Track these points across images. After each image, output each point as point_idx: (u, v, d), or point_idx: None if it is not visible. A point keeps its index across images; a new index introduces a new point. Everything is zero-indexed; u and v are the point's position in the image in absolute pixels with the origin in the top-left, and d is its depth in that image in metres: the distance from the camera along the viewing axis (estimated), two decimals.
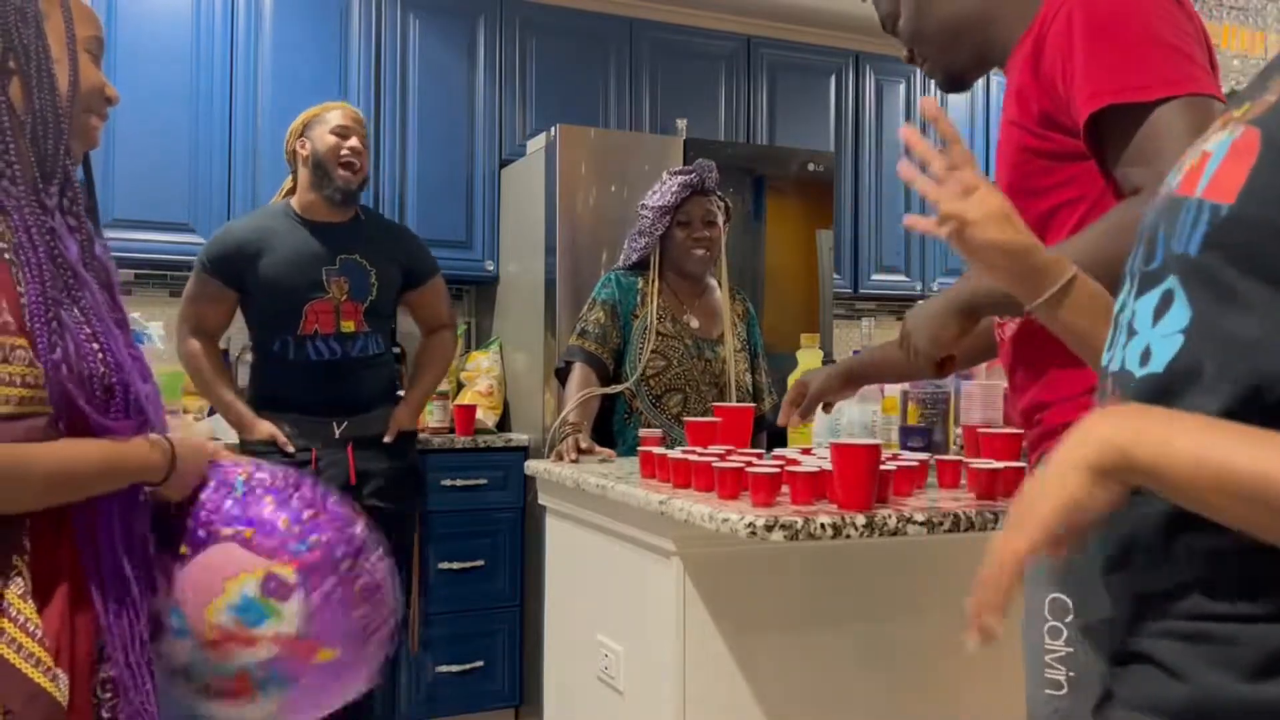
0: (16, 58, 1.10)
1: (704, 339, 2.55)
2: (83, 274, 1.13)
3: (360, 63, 3.41)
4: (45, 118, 1.11)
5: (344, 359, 2.71)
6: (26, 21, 1.10)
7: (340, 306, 2.69)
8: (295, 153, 2.74)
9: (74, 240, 1.15)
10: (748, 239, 3.44)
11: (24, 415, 1.01)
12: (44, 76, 1.11)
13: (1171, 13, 1.17)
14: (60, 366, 1.05)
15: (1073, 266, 0.99)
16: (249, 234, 2.69)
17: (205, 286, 2.71)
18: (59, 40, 1.15)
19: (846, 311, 4.50)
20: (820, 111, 4.12)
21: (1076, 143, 1.20)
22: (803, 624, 1.71)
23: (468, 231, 3.56)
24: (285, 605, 1.17)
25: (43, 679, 1.00)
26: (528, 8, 3.64)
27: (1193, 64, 1.14)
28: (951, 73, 1.43)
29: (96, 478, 1.08)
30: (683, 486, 1.72)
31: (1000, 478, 1.64)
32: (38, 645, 1.01)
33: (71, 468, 1.05)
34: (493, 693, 3.28)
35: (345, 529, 1.26)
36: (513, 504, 3.29)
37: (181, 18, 3.19)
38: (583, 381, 2.42)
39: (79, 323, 1.09)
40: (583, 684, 2.00)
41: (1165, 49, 1.14)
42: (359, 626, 1.23)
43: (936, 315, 1.31)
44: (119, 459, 1.10)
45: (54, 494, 1.05)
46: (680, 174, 2.50)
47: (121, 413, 1.12)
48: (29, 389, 1.01)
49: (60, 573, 1.07)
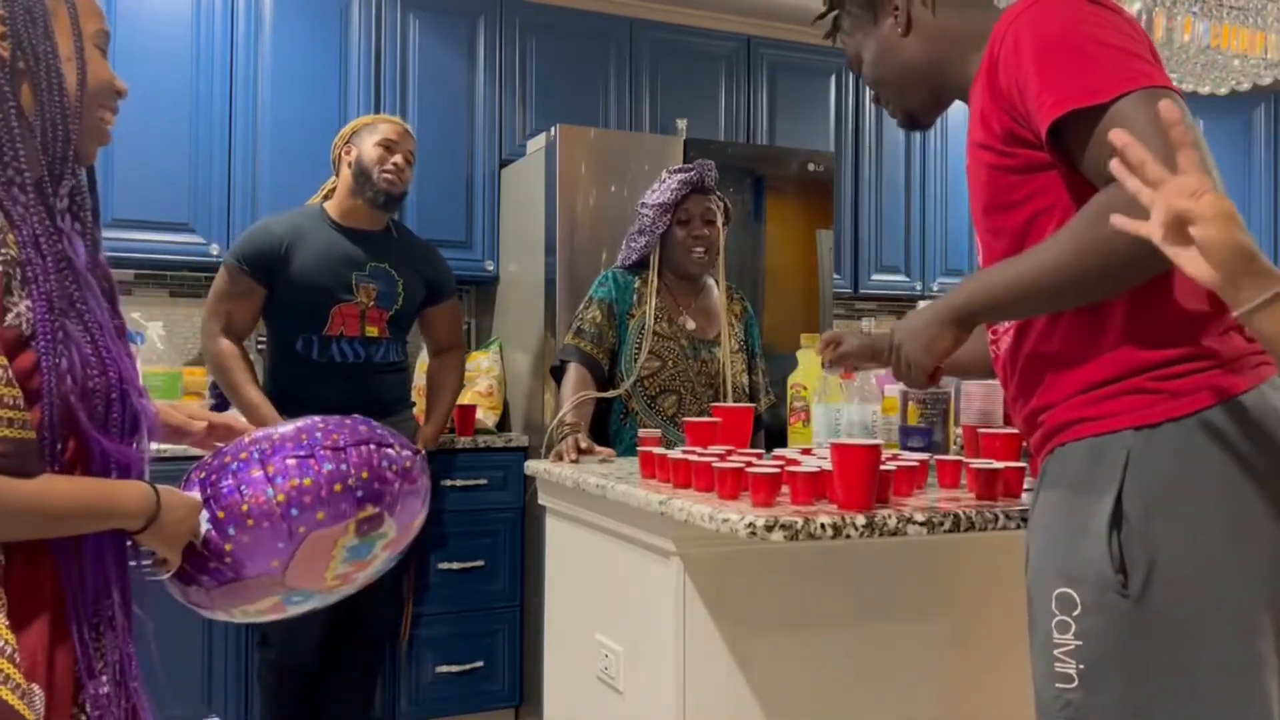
0: (26, 59, 1.09)
1: (700, 340, 2.54)
2: (88, 279, 1.13)
3: (360, 63, 3.41)
4: (54, 120, 1.11)
5: (367, 362, 2.75)
6: (34, 21, 1.09)
7: (366, 312, 2.74)
8: (340, 157, 2.78)
9: (82, 243, 1.15)
10: (748, 239, 3.44)
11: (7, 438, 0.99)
12: (53, 77, 1.10)
13: (1112, 20, 1.21)
14: (65, 378, 1.04)
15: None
16: (283, 231, 2.72)
17: (236, 283, 2.72)
18: (66, 37, 1.13)
19: (846, 311, 4.49)
20: (820, 111, 4.12)
21: (1041, 154, 1.24)
22: (803, 624, 1.71)
23: (468, 231, 3.56)
24: (383, 528, 1.32)
25: (10, 696, 0.97)
26: (528, 8, 3.64)
27: (1140, 60, 1.17)
28: (910, 113, 1.53)
29: (75, 518, 1.07)
30: (683, 486, 1.72)
31: (1000, 478, 1.64)
32: (6, 661, 0.98)
33: (50, 507, 1.03)
34: (493, 693, 3.28)
35: (368, 442, 1.34)
36: (513, 504, 3.29)
37: (181, 18, 3.18)
38: (577, 382, 2.41)
39: (83, 335, 1.08)
40: (583, 684, 2.00)
41: (1112, 51, 1.17)
42: (420, 492, 1.41)
43: (929, 326, 1.34)
44: (101, 503, 1.09)
45: (30, 531, 1.04)
46: (680, 172, 2.50)
47: (119, 429, 1.11)
48: (8, 409, 0.99)
49: (40, 589, 1.05)
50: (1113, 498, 1.17)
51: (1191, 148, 1.04)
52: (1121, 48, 1.18)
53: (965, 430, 1.94)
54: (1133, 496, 1.17)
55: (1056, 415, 1.27)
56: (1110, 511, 1.17)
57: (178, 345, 3.42)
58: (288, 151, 3.27)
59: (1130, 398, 1.19)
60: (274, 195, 3.23)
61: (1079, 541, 1.20)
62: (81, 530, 1.08)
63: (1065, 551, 1.22)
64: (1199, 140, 1.09)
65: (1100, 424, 1.21)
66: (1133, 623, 1.16)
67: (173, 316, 3.44)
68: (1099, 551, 1.17)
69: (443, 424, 2.99)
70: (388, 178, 2.72)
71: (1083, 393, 1.24)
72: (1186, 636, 1.14)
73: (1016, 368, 1.35)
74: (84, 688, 1.08)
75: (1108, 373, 1.22)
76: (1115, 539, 1.17)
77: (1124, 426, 1.19)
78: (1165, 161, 1.04)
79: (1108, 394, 1.21)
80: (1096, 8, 1.22)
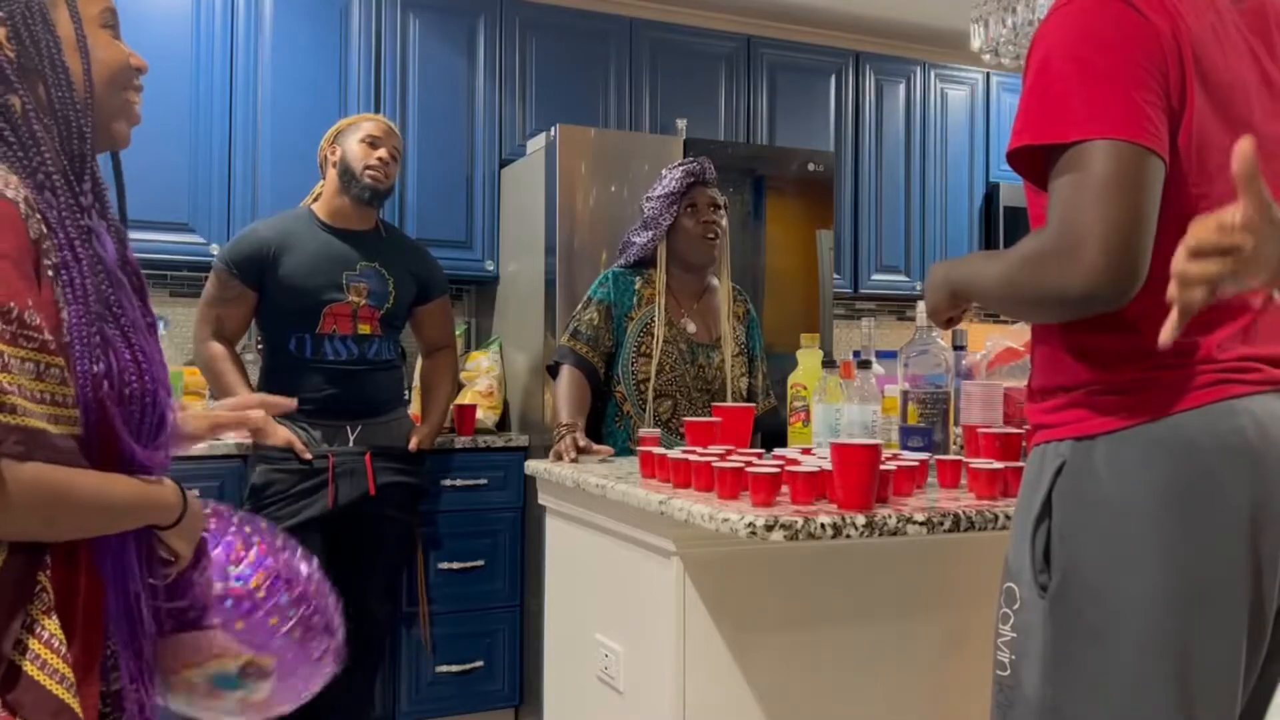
0: (31, 56, 1.07)
1: (698, 344, 2.54)
2: (120, 278, 1.12)
3: (360, 63, 3.41)
4: (67, 116, 1.09)
5: (360, 360, 2.75)
6: (33, 15, 1.07)
7: (358, 311, 2.74)
8: (326, 159, 2.79)
9: (111, 240, 1.14)
10: (748, 239, 3.44)
11: (57, 434, 0.99)
12: (59, 71, 1.08)
13: (1134, 35, 1.12)
14: (102, 383, 1.04)
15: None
16: (271, 235, 2.73)
17: (226, 288, 2.73)
18: (68, 24, 1.10)
19: (846, 311, 4.49)
20: (820, 111, 4.12)
21: None
22: (803, 624, 1.71)
23: (468, 231, 3.55)
24: (259, 684, 1.23)
25: (66, 695, 0.99)
26: (528, 8, 3.64)
27: (1132, 93, 1.10)
28: None
29: (127, 513, 1.07)
30: (683, 486, 1.72)
31: (1000, 478, 1.64)
32: (61, 661, 0.99)
33: (109, 500, 1.04)
34: (493, 693, 3.28)
35: (299, 578, 1.28)
36: (513, 504, 3.29)
37: (181, 18, 3.18)
38: (571, 384, 2.41)
39: (120, 339, 1.08)
40: (583, 684, 2.00)
41: (1100, 84, 1.11)
42: (314, 658, 1.29)
43: (936, 287, 1.42)
44: (147, 498, 1.10)
45: (89, 525, 1.04)
46: (682, 165, 2.52)
47: (152, 435, 1.11)
48: (59, 408, 1.00)
49: (75, 588, 1.05)
50: (1042, 499, 1.20)
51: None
52: (1118, 77, 1.10)
53: (965, 430, 1.94)
54: (1060, 500, 1.19)
55: (1031, 417, 1.30)
56: (1037, 513, 1.21)
57: (178, 345, 3.42)
58: (288, 151, 3.27)
59: (1075, 410, 1.21)
60: (274, 195, 3.24)
61: (1020, 540, 1.24)
62: (126, 526, 1.08)
63: (1013, 548, 1.26)
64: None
65: (1051, 431, 1.23)
66: (1053, 621, 1.19)
67: (173, 316, 3.44)
68: (1028, 549, 1.22)
69: (439, 424, 2.99)
70: (372, 174, 2.73)
71: (1044, 399, 1.26)
72: (1100, 643, 1.15)
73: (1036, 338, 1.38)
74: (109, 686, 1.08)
75: (1064, 382, 1.23)
76: (1038, 539, 1.20)
77: (1065, 436, 1.21)
78: (1095, 219, 1.06)
79: (1059, 404, 1.23)
80: (1126, 17, 1.13)
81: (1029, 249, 1.16)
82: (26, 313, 0.97)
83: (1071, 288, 1.09)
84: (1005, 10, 2.63)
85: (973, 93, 4.43)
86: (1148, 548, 1.13)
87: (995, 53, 2.67)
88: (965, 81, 4.42)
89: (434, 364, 3.05)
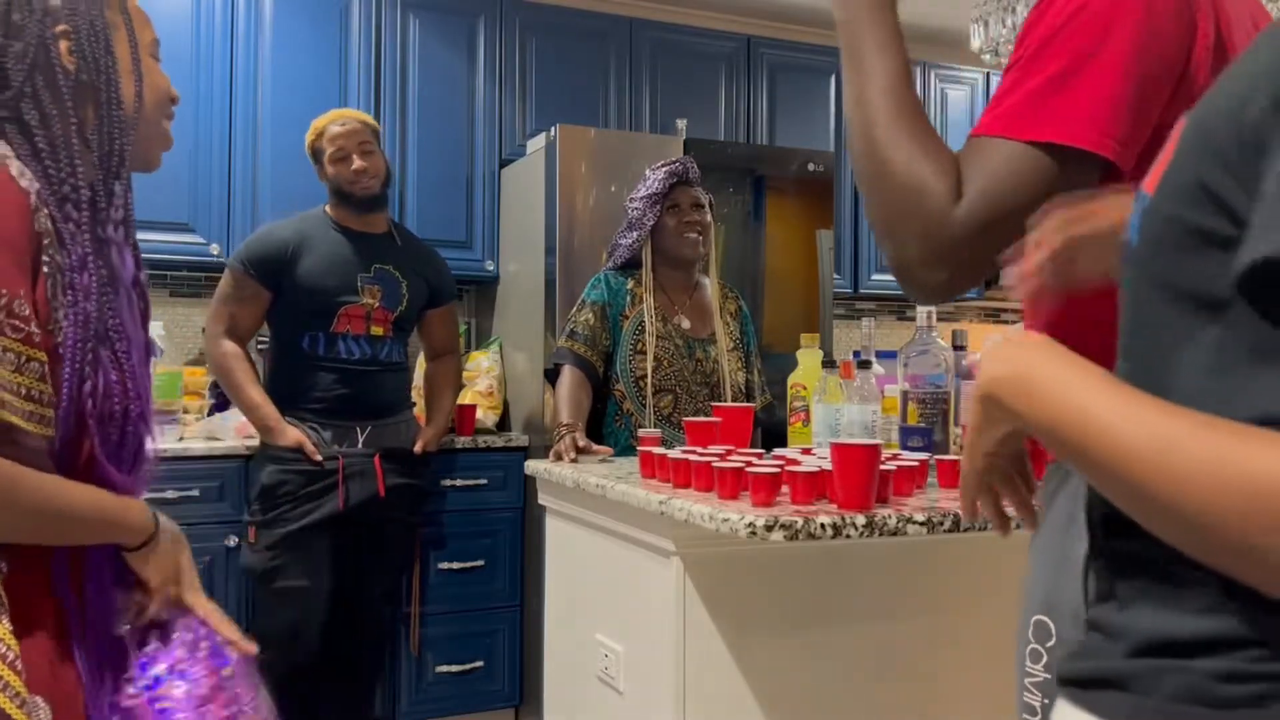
0: (89, 71, 1.11)
1: (694, 339, 2.56)
2: (130, 296, 1.13)
3: (360, 63, 3.41)
4: (111, 134, 1.12)
5: (372, 361, 2.77)
6: (97, 35, 1.12)
7: (372, 313, 2.77)
8: (321, 173, 2.81)
9: (130, 258, 1.16)
10: (748, 239, 3.44)
11: (27, 432, 0.98)
12: (112, 90, 1.13)
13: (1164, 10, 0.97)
14: (87, 401, 1.04)
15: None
16: (289, 236, 2.75)
17: (242, 287, 2.74)
18: (124, 48, 1.16)
19: (846, 311, 4.49)
20: (820, 111, 4.12)
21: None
22: (803, 624, 1.71)
23: (468, 231, 3.56)
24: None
25: (9, 704, 0.94)
26: (528, 8, 3.64)
27: (1120, 87, 0.96)
28: None
29: (82, 524, 1.05)
30: (683, 486, 1.72)
31: None
32: (7, 669, 0.95)
33: (62, 506, 1.01)
34: (493, 693, 3.28)
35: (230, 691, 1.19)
36: (513, 504, 3.29)
37: (181, 18, 3.18)
38: (572, 383, 2.42)
39: (111, 360, 1.07)
40: (583, 684, 2.00)
41: (1092, 75, 0.97)
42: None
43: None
44: (106, 512, 1.07)
45: (38, 530, 1.01)
46: (664, 165, 2.56)
47: (130, 460, 1.10)
48: (34, 404, 0.99)
49: (41, 598, 1.03)
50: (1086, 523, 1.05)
51: None
52: (1115, 67, 0.96)
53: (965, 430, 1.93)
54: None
55: None
56: (1088, 546, 0.99)
57: (178, 345, 3.42)
58: (288, 151, 3.26)
59: None
60: (274, 195, 3.24)
61: (1056, 569, 1.07)
62: (85, 539, 1.07)
63: (1045, 577, 1.10)
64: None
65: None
66: None
67: (173, 316, 3.44)
68: (1078, 584, 0.99)
69: (444, 427, 3.02)
70: (358, 187, 2.74)
71: None
72: None
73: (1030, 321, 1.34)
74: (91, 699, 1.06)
75: None
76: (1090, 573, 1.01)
77: None
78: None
79: None
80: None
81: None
82: (16, 302, 0.97)
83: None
84: (1005, 10, 2.63)
85: (972, 93, 4.43)
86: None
87: (995, 53, 2.67)
88: (965, 81, 4.42)
89: (439, 368, 3.07)
